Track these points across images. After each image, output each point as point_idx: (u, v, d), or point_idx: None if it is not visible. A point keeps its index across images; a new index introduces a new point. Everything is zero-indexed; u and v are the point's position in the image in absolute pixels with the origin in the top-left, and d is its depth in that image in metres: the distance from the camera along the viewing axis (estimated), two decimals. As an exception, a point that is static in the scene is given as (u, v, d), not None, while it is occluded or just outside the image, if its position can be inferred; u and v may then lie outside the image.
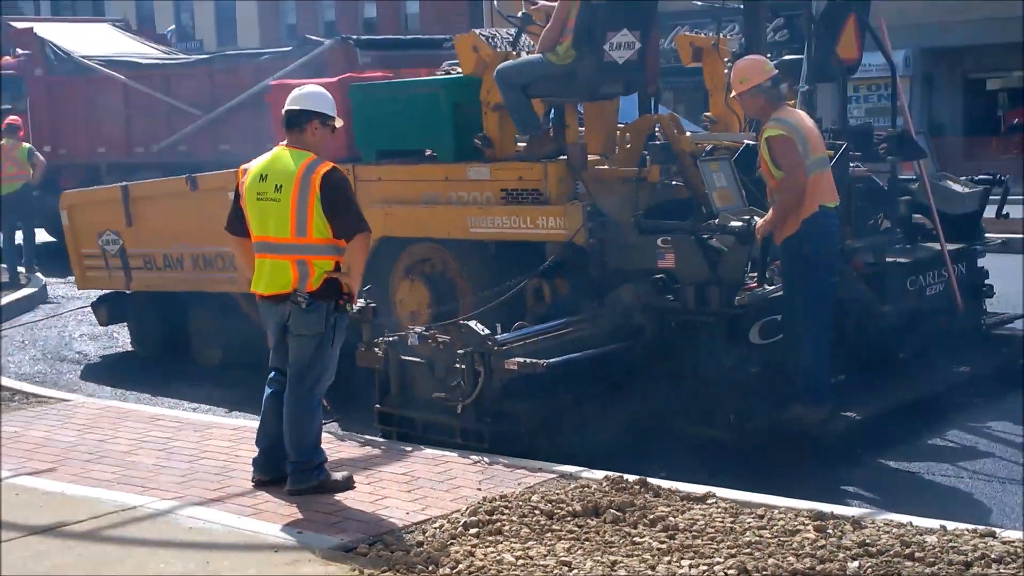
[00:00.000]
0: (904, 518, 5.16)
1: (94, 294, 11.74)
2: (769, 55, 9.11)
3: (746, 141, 7.91)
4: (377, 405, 7.21)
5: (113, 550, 5.12)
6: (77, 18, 29.79)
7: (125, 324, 11.45)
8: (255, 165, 5.91)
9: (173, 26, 25.25)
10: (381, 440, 6.88)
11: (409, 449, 6.62)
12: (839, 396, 7.37)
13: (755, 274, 7.46)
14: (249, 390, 8.42)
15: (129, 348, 11.42)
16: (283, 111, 5.92)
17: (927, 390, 8.01)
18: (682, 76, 12.32)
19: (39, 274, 15.98)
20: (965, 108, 32.13)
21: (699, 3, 11.25)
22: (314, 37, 17.66)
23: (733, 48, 9.31)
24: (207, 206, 9.36)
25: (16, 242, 16.50)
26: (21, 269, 16.04)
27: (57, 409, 7.99)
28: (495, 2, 10.60)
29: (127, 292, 10.96)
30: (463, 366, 6.66)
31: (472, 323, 6.81)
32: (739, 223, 6.98)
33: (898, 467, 6.89)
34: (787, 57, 9.27)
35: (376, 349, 7.05)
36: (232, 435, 7.13)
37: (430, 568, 4.62)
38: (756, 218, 6.98)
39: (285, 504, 5.65)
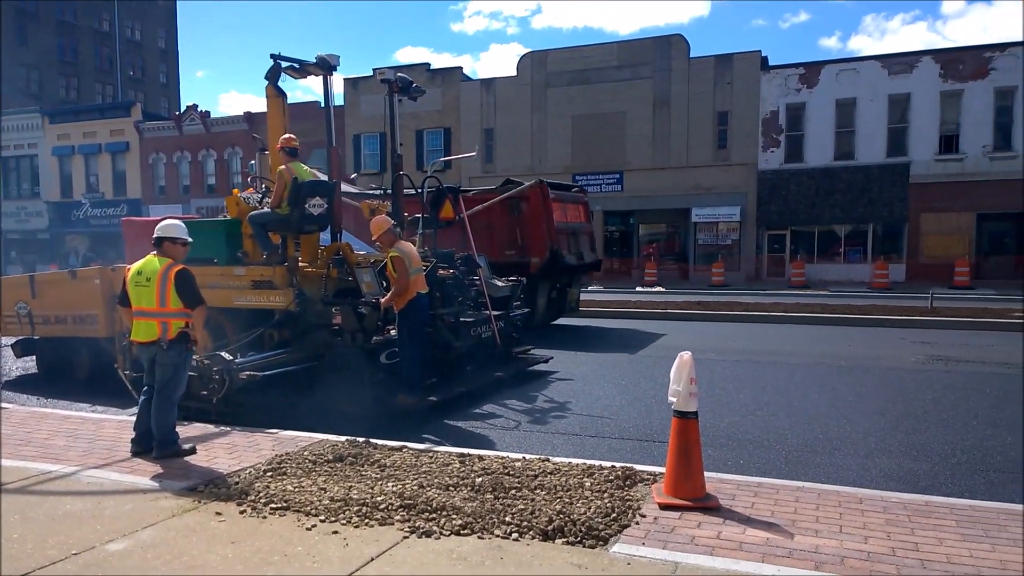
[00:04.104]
0: (503, 453, 5.50)
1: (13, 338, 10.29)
2: (407, 214, 9.56)
3: (385, 259, 8.14)
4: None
5: (35, 499, 4.68)
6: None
7: (34, 356, 10.17)
8: (135, 265, 5.67)
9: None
10: (217, 426, 6.38)
11: (229, 429, 6.26)
12: (431, 389, 7.68)
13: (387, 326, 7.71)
14: (110, 396, 7.98)
15: (35, 371, 10.14)
16: (153, 236, 5.70)
17: (479, 384, 8.40)
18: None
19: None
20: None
21: (373, 187, 11.42)
22: (515, 179, 14.80)
23: (388, 210, 9.51)
24: (82, 287, 8.78)
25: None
26: None
27: (-1, 414, 6.93)
28: (250, 177, 10.38)
29: (34, 337, 9.78)
30: (216, 376, 6.60)
31: (223, 353, 6.74)
32: (375, 300, 7.31)
33: (456, 424, 7.15)
34: (416, 215, 9.70)
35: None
36: (117, 425, 6.52)
37: (243, 496, 4.57)
38: (382, 299, 7.32)
39: (152, 465, 5.34)
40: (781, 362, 10.70)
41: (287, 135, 8.01)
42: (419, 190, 9.42)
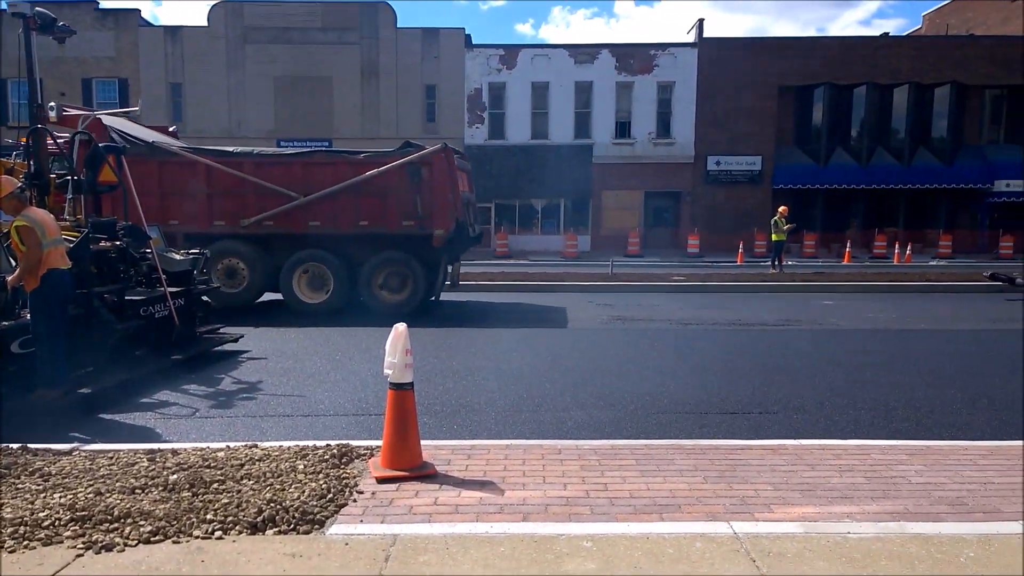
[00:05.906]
0: (203, 444, 4.84)
1: None
2: (53, 176, 7.83)
3: (14, 225, 6.39)
4: None
5: None
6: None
7: None
8: None
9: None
10: None
11: None
12: (83, 380, 6.40)
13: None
14: None
15: None
16: None
17: (150, 370, 7.27)
18: None
19: None
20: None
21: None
22: (416, 141, 12.44)
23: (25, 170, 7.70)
24: None
25: None
26: None
27: None
28: None
29: None
30: None
31: None
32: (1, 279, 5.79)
33: (115, 418, 6.01)
34: (65, 175, 7.99)
35: None
36: None
37: None
38: (8, 277, 5.82)
39: None
40: (488, 328, 10.91)
41: None
42: (59, 143, 7.75)
